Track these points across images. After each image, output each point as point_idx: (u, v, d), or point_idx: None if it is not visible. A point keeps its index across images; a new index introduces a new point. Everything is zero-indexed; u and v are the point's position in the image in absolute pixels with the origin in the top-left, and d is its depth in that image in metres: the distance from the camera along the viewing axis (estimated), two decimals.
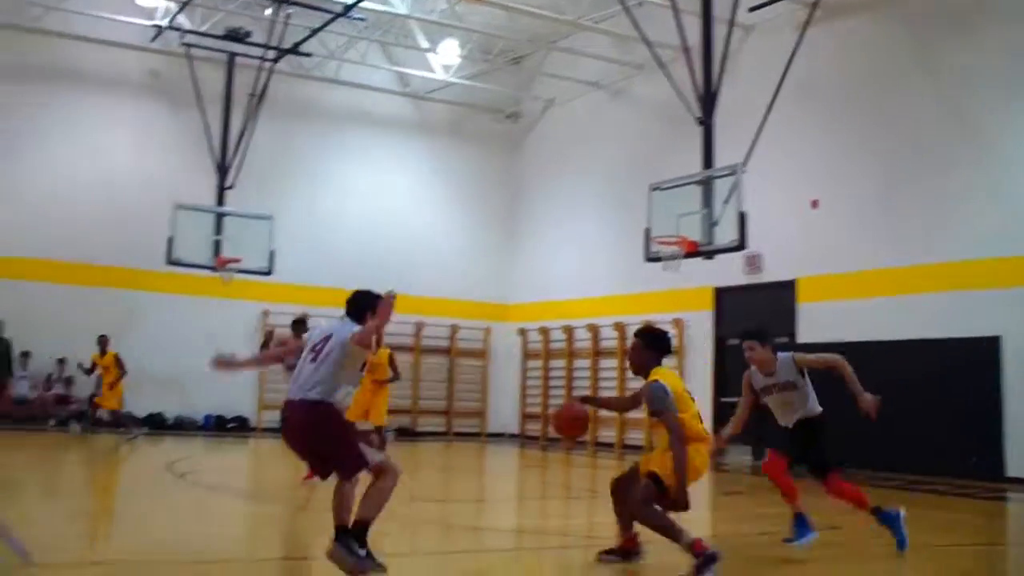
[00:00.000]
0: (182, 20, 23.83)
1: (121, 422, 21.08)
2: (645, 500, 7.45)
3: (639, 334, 8.05)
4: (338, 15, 22.04)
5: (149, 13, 24.32)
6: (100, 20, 23.82)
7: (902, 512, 9.00)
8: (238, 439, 23.89)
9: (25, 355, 22.90)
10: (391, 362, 15.89)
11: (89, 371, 21.43)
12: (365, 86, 27.81)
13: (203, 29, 23.99)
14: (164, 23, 23.84)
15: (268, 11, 23.77)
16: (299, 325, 13.82)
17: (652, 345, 7.94)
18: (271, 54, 23.58)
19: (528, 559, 8.93)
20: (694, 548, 7.21)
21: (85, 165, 24.37)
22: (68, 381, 23.49)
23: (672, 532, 7.31)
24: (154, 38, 24.32)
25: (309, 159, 26.79)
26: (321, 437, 6.97)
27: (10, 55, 23.96)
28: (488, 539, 10.17)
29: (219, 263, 22.12)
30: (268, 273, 22.45)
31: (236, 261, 22.11)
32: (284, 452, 18.22)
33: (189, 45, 23.64)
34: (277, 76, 24.05)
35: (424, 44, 26.82)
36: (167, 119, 25.33)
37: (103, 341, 20.97)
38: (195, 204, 22.58)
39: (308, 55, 24.75)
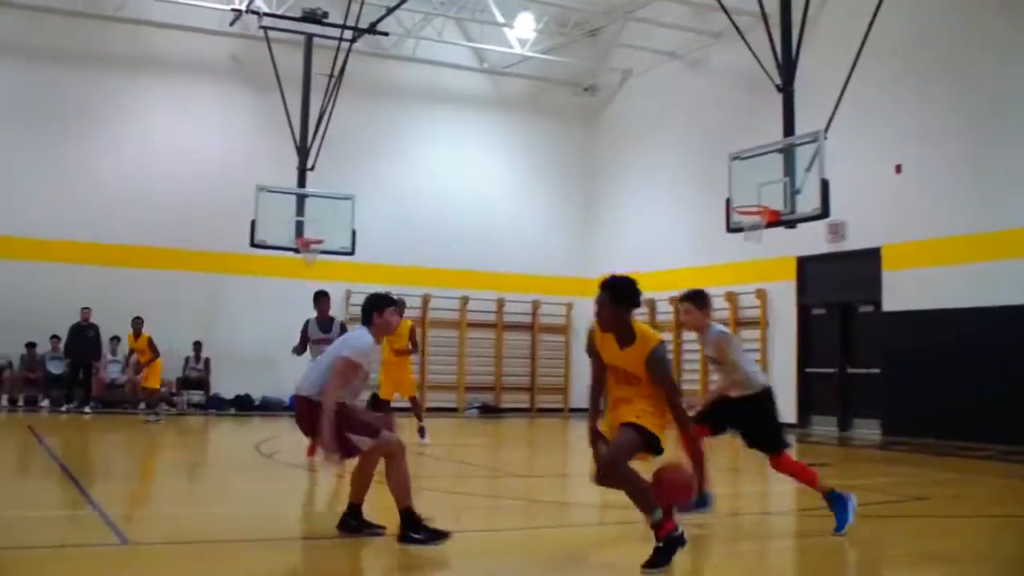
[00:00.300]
0: (260, 3, 24.04)
1: (152, 403, 21.40)
2: (629, 451, 6.73)
3: (605, 286, 6.97)
4: None
5: None
6: (179, 6, 24.13)
7: (853, 497, 8.40)
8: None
9: (114, 340, 23.31)
10: (411, 335, 16.10)
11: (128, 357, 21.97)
12: (442, 63, 27.85)
13: (281, 12, 24.14)
14: (242, 7, 24.06)
15: None
16: (321, 298, 14.32)
17: (622, 299, 6.91)
18: (348, 34, 23.65)
19: (612, 533, 8.90)
20: (662, 527, 6.58)
21: (169, 151, 24.75)
22: None
23: (646, 501, 6.67)
24: (233, 22, 24.58)
25: (388, 138, 26.89)
26: (318, 431, 7.43)
27: (93, 44, 24.36)
28: (573, 514, 10.17)
29: (302, 244, 22.28)
30: (350, 253, 22.55)
31: (319, 242, 22.25)
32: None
33: (267, 28, 23.78)
34: (355, 56, 24.11)
35: (500, 18, 26.75)
36: (248, 102, 25.61)
37: (137, 324, 21.32)
38: (277, 186, 22.73)
39: (385, 34, 24.80)
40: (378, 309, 7.73)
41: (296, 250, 22.39)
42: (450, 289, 26.69)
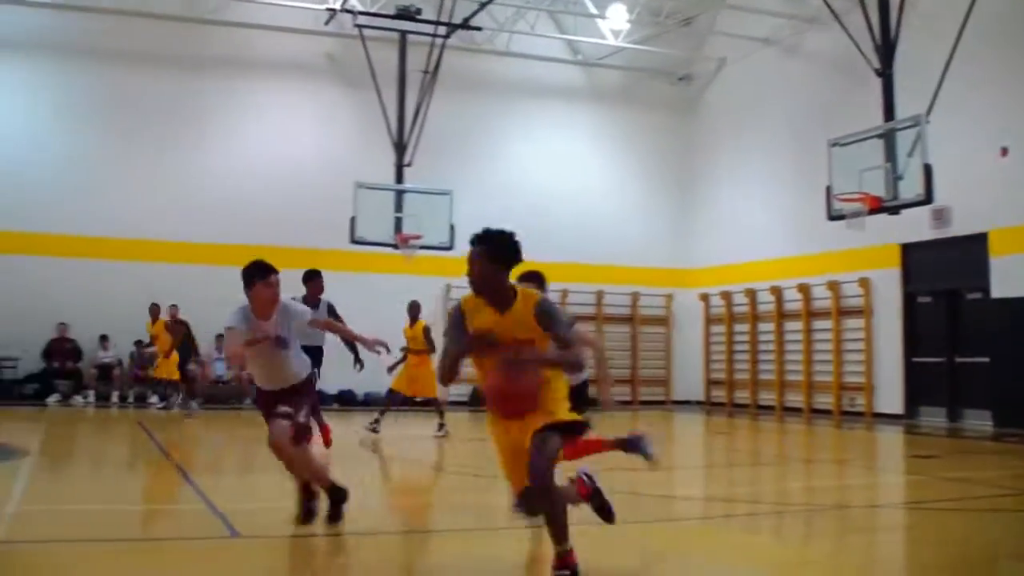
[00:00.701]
0: (354, 2, 24.23)
1: (167, 394, 21.88)
2: (551, 460, 5.89)
3: (479, 239, 6.20)
4: None
5: None
6: (275, 8, 24.41)
7: (644, 434, 8.85)
8: (424, 413, 24.24)
9: (220, 338, 23.67)
10: (426, 335, 16.70)
11: (148, 345, 22.28)
12: (536, 56, 27.82)
13: (375, 10, 24.31)
14: (337, 6, 24.28)
15: None
16: (313, 278, 14.69)
17: (500, 254, 6.11)
18: (442, 30, 23.75)
19: (718, 527, 8.83)
20: (562, 561, 5.93)
21: (268, 151, 25.05)
22: None
23: (562, 531, 5.96)
24: (327, 22, 24.81)
25: (484, 132, 26.96)
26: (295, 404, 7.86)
27: (191, 46, 24.75)
28: (677, 508, 10.10)
29: (400, 240, 22.44)
30: (449, 248, 22.64)
31: (417, 237, 22.38)
32: (474, 425, 18.43)
33: (362, 26, 23.94)
34: (449, 51, 24.20)
35: (592, 10, 26.65)
36: (343, 100, 25.82)
37: (154, 310, 21.73)
38: (375, 183, 22.90)
39: (478, 29, 24.84)
40: (246, 284, 7.70)
41: (395, 246, 22.54)
42: (548, 282, 26.54)
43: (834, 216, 17.76)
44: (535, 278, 8.49)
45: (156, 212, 23.87)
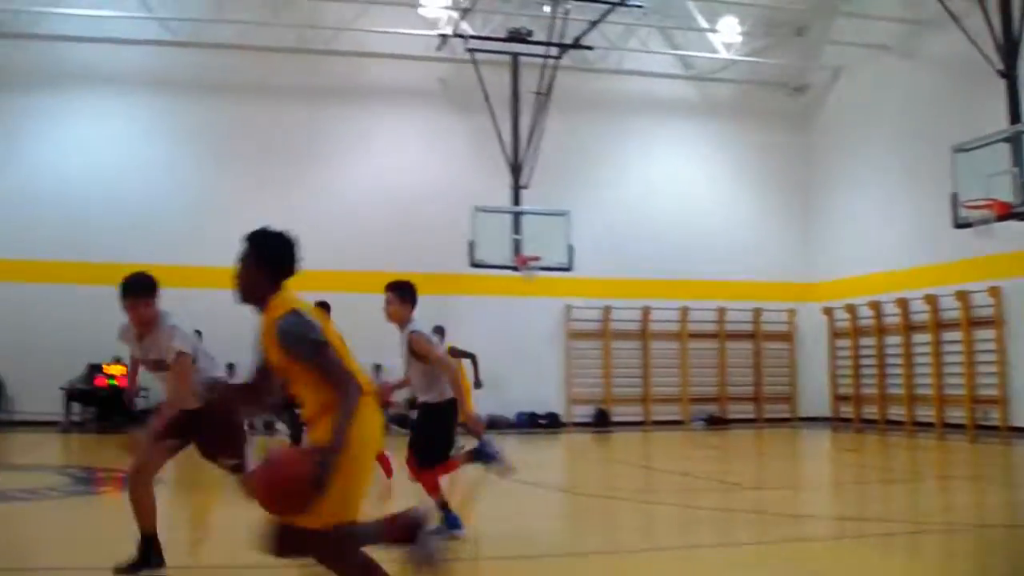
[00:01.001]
0: (465, 26, 24.38)
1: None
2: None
3: (246, 239, 5.51)
4: (616, 3, 22.06)
5: (433, 23, 25.04)
6: (387, 36, 24.78)
7: (486, 437, 8.74)
8: (550, 435, 24.26)
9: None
10: (453, 355, 16.45)
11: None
12: (649, 73, 27.66)
13: (485, 33, 24.42)
14: (448, 31, 24.46)
15: (547, 8, 23.92)
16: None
17: (266, 257, 5.38)
18: (554, 51, 23.76)
19: (851, 548, 8.61)
20: None
21: (384, 177, 25.33)
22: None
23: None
24: (440, 47, 25.00)
25: (599, 151, 26.86)
26: None
27: (306, 77, 25.23)
28: (808, 527, 9.89)
29: (520, 262, 22.45)
30: (568, 269, 22.60)
31: (536, 259, 22.36)
32: (597, 446, 18.29)
33: (474, 50, 24.05)
34: (561, 72, 24.17)
35: (704, 24, 26.44)
36: (457, 124, 25.95)
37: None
38: (492, 206, 22.95)
39: (590, 48, 24.81)
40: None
41: (515, 268, 22.56)
42: (668, 300, 26.43)
43: (960, 224, 17.30)
44: (400, 288, 8.53)
45: None
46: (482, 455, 9.01)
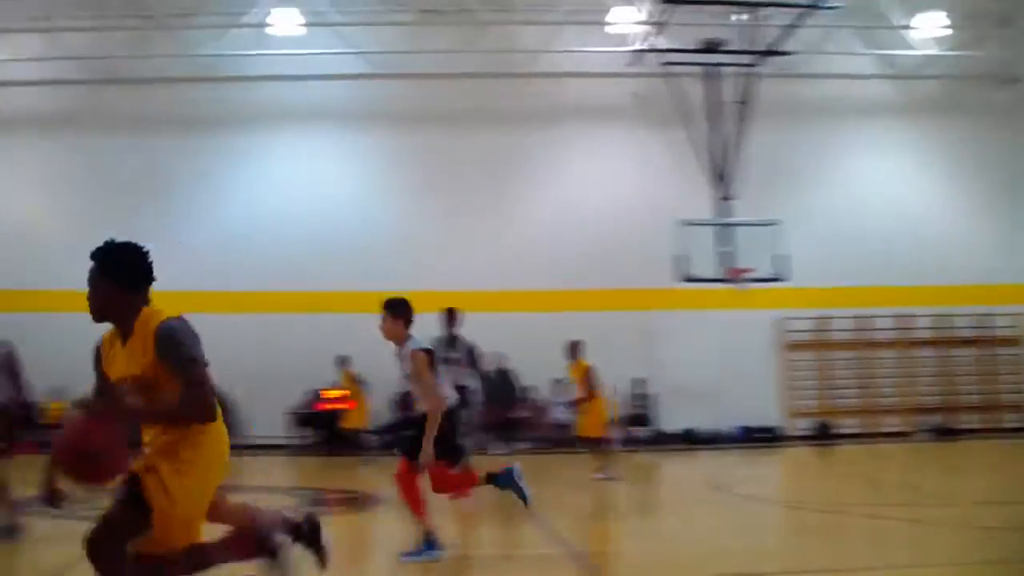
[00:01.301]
0: (658, 41, 24.03)
1: (359, 442, 21.66)
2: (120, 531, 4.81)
3: (92, 255, 5.04)
4: (811, 6, 21.47)
5: (621, 39, 24.99)
6: (581, 54, 24.84)
7: (517, 466, 8.34)
8: (770, 449, 23.44)
9: (558, 383, 23.31)
10: (585, 378, 16.18)
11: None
12: (849, 75, 26.77)
13: (677, 45, 24.02)
14: (643, 46, 24.17)
15: (744, 16, 23.44)
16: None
17: (114, 272, 4.96)
18: (749, 58, 23.24)
19: None
20: None
21: (582, 195, 25.34)
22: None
23: None
24: (631, 63, 24.72)
25: (805, 157, 26.06)
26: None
27: (505, 101, 25.50)
28: None
29: (732, 274, 21.86)
30: (784, 280, 21.94)
31: (749, 271, 21.75)
32: (818, 460, 17.50)
33: (669, 63, 23.66)
34: (760, 79, 23.62)
35: (903, 21, 25.52)
36: (652, 138, 25.50)
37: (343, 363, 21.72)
38: (698, 219, 22.50)
39: (786, 54, 24.13)
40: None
41: (726, 280, 21.98)
42: (885, 307, 25.42)
43: None
44: (393, 306, 8.33)
45: (475, 264, 24.48)
46: (502, 480, 8.59)
